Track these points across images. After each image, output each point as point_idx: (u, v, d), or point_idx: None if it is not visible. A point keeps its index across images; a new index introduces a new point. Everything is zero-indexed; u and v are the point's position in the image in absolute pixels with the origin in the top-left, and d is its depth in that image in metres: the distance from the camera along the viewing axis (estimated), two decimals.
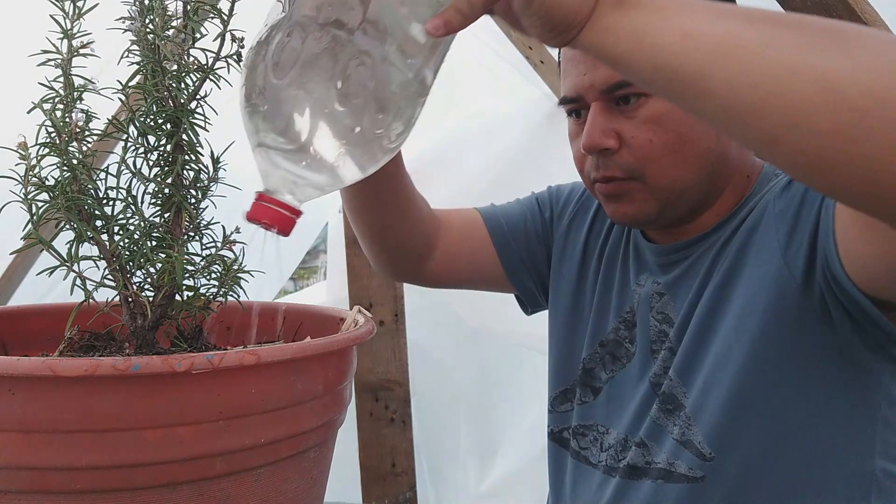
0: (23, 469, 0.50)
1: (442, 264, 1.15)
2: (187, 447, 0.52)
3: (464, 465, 2.67)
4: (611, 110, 0.91)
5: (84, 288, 0.61)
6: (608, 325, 1.05)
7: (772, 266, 0.85)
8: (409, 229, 1.08)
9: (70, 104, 0.61)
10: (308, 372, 0.58)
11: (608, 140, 0.91)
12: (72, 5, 0.60)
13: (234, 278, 0.64)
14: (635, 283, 1.03)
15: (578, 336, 1.10)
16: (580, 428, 1.06)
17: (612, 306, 1.05)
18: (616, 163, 0.91)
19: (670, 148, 0.90)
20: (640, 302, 1.01)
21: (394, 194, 1.03)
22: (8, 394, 0.49)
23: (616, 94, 0.90)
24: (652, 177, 0.91)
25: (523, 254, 1.17)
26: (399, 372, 2.27)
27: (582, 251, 1.12)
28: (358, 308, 0.72)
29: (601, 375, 1.05)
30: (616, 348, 1.04)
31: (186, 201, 0.63)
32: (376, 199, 1.03)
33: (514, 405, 2.65)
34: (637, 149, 0.90)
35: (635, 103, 0.90)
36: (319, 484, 0.64)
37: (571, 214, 1.16)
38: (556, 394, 1.11)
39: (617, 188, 0.93)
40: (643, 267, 1.03)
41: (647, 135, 0.89)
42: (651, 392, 0.96)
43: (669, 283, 0.98)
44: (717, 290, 0.91)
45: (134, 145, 0.62)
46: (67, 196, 0.60)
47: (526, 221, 1.18)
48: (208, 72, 0.63)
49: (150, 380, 0.50)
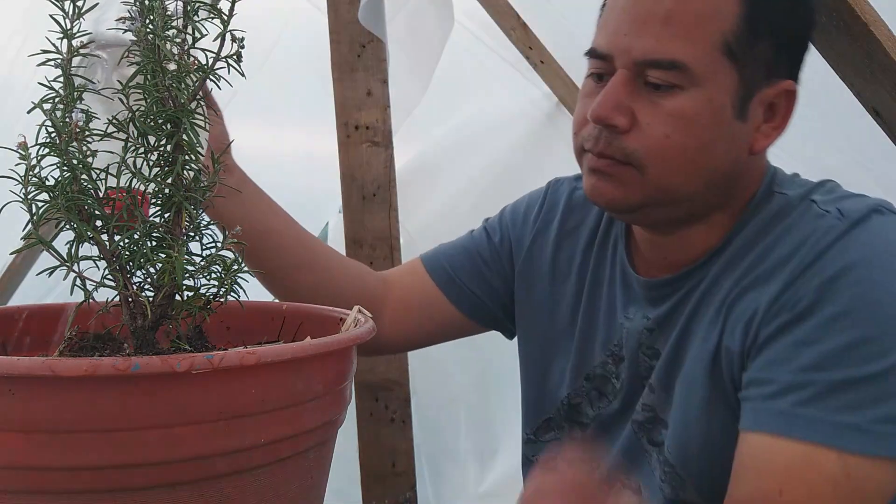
0: (23, 469, 0.50)
1: (393, 326, 1.08)
2: (187, 447, 0.52)
3: (464, 465, 2.67)
4: (635, 85, 0.83)
5: (84, 288, 0.61)
6: (594, 357, 0.99)
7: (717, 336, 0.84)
8: (334, 281, 1.05)
9: (70, 104, 0.61)
10: (308, 372, 0.58)
11: (620, 117, 0.82)
12: (72, 5, 0.60)
13: (233, 278, 0.64)
14: (623, 316, 0.96)
15: (557, 364, 1.03)
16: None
17: (598, 337, 0.99)
18: (620, 144, 0.84)
19: (685, 152, 0.83)
20: (629, 336, 0.94)
21: (304, 251, 1.03)
22: (8, 394, 0.49)
23: (648, 75, 0.82)
24: (652, 174, 0.83)
25: (477, 290, 1.09)
26: (399, 372, 2.27)
27: (550, 272, 1.05)
28: (358, 308, 0.72)
29: (587, 411, 1.00)
30: (603, 384, 0.98)
31: (186, 201, 0.63)
32: (289, 259, 1.02)
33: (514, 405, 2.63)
34: (649, 139, 0.82)
35: (666, 92, 0.82)
36: (319, 484, 0.64)
37: (532, 235, 1.08)
38: (539, 423, 1.05)
39: (609, 167, 0.85)
40: (631, 298, 0.95)
41: (664, 128, 0.82)
42: (633, 431, 0.93)
43: (660, 319, 0.91)
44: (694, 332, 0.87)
45: (134, 145, 0.62)
46: (67, 196, 0.60)
47: (472, 256, 1.10)
48: (208, 72, 0.63)
49: (150, 380, 0.50)
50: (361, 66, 1.86)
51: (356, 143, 1.90)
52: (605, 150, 0.85)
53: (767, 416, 0.78)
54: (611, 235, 1.01)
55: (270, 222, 1.01)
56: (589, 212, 1.05)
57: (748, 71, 0.82)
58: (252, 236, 0.93)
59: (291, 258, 1.02)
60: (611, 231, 1.01)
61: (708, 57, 0.81)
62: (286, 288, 1.03)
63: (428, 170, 2.31)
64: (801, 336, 0.78)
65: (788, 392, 0.77)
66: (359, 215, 1.94)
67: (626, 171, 0.84)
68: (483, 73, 2.45)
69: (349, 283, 1.08)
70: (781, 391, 0.78)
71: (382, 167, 1.91)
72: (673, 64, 0.81)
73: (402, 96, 1.86)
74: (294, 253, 1.03)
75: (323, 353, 0.59)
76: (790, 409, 0.77)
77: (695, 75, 0.81)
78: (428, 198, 2.27)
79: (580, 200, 1.07)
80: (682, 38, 0.81)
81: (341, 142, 1.91)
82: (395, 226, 1.95)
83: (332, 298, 0.90)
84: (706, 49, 0.81)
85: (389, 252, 1.97)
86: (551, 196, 1.10)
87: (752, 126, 0.85)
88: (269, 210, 1.02)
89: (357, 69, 1.86)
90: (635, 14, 0.83)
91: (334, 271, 1.07)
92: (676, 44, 0.81)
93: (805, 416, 0.76)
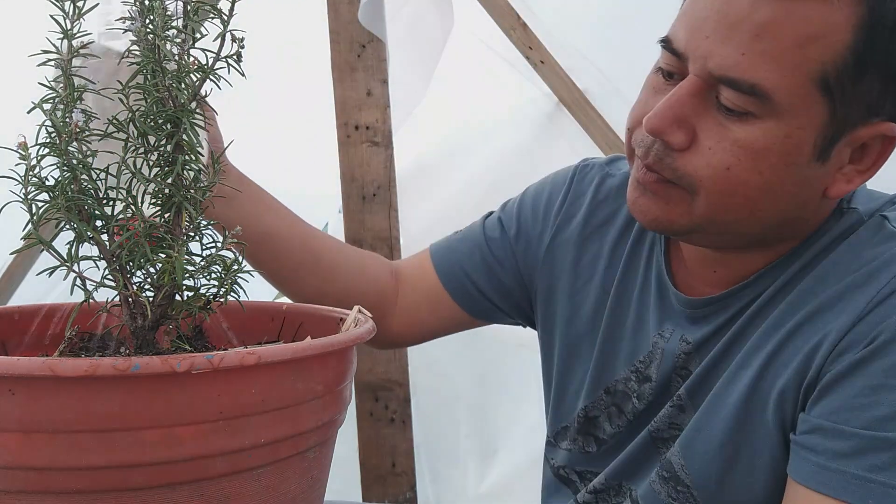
0: (23, 469, 0.50)
1: (403, 322, 1.05)
2: (187, 447, 0.52)
3: (464, 465, 2.67)
4: (705, 97, 0.71)
5: (84, 288, 0.61)
6: (616, 370, 0.90)
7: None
8: (343, 283, 1.02)
9: (70, 104, 0.61)
10: (308, 372, 0.58)
11: (678, 133, 0.72)
12: (72, 5, 0.60)
13: (233, 278, 0.64)
14: (657, 333, 0.86)
15: (576, 370, 0.96)
16: (587, 473, 0.96)
17: (622, 349, 0.90)
18: (672, 164, 0.73)
19: (745, 189, 0.71)
20: (664, 358, 0.85)
21: (309, 254, 0.99)
22: (8, 394, 0.49)
23: (721, 93, 0.70)
24: (703, 204, 0.73)
25: (489, 292, 1.02)
26: (399, 372, 2.27)
27: (572, 272, 0.96)
28: (358, 308, 0.72)
29: (605, 427, 0.92)
30: (623, 400, 0.90)
31: (186, 201, 0.63)
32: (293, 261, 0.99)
33: (514, 405, 2.65)
34: (707, 167, 0.71)
35: (738, 117, 0.70)
36: (319, 484, 0.64)
37: (553, 231, 0.98)
38: (558, 429, 0.99)
39: (655, 184, 0.75)
40: (667, 314, 0.86)
41: (728, 158, 0.70)
42: (651, 442, 0.87)
43: (700, 342, 0.82)
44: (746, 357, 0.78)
45: (134, 145, 0.62)
46: (67, 196, 0.60)
47: (483, 254, 1.01)
48: (208, 72, 0.63)
49: (150, 380, 0.50)
50: (361, 66, 1.86)
51: (356, 143, 1.91)
52: (653, 165, 0.74)
53: (839, 480, 0.68)
54: (646, 238, 0.91)
55: (268, 224, 0.97)
56: (620, 206, 0.94)
57: (844, 109, 0.70)
58: (249, 238, 0.92)
59: (292, 260, 0.99)
60: (646, 232, 0.91)
61: (798, 89, 0.69)
62: (292, 289, 1.01)
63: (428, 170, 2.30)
64: (877, 379, 0.68)
65: (863, 453, 0.67)
66: (359, 215, 1.94)
67: (674, 191, 0.74)
68: (483, 73, 2.44)
69: (356, 283, 1.03)
70: (855, 451, 0.67)
71: (382, 167, 1.91)
72: (753, 89, 0.69)
73: (403, 96, 1.86)
74: (295, 254, 1.00)
75: (323, 353, 0.59)
76: (865, 474, 0.67)
77: (776, 106, 0.69)
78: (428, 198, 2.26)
79: (610, 192, 0.96)
80: (772, 60, 0.68)
81: (341, 142, 1.91)
82: (394, 226, 1.95)
83: (338, 299, 0.86)
84: (798, 79, 0.68)
85: (389, 252, 1.97)
86: (577, 185, 0.99)
87: (832, 167, 0.73)
88: (267, 211, 0.98)
89: (357, 69, 1.87)
90: (723, 15, 0.69)
91: (340, 271, 1.03)
92: (763, 65, 0.68)
93: (883, 485, 0.66)
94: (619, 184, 0.97)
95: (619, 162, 1.00)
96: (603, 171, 0.99)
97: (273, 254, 0.98)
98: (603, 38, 2.06)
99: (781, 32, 0.68)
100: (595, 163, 1.01)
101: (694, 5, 0.73)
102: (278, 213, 1.00)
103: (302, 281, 1.01)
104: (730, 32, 0.69)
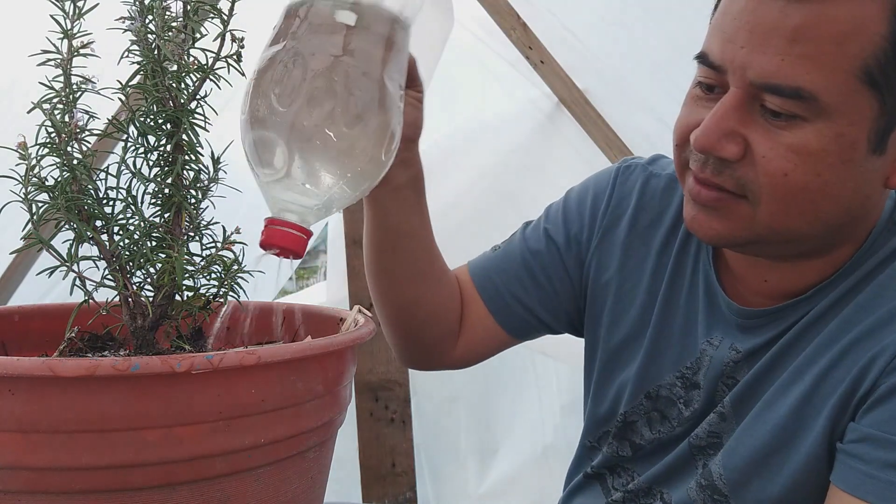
0: (23, 469, 0.50)
1: (465, 346, 1.01)
2: (187, 447, 0.52)
3: (464, 465, 2.67)
4: (750, 109, 0.71)
5: (84, 288, 0.61)
6: (661, 375, 0.89)
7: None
8: (440, 296, 0.96)
9: (70, 104, 0.61)
10: (308, 372, 0.58)
11: (730, 146, 0.71)
12: (72, 5, 0.60)
13: (233, 278, 0.64)
14: (706, 340, 0.85)
15: (620, 376, 0.94)
16: (618, 469, 0.95)
17: (668, 354, 0.89)
18: (733, 173, 0.72)
19: (806, 193, 0.70)
20: (712, 365, 0.84)
21: (428, 262, 0.94)
22: (8, 394, 0.49)
23: (765, 99, 0.70)
24: (765, 212, 0.72)
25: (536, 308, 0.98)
26: (399, 372, 2.27)
27: (618, 275, 0.94)
28: (358, 308, 0.72)
29: (644, 432, 0.91)
30: (668, 407, 0.89)
31: (186, 201, 0.63)
32: (413, 266, 0.93)
33: (514, 405, 2.65)
34: (765, 176, 0.71)
35: (787, 122, 0.69)
36: (319, 484, 0.64)
37: (600, 235, 0.96)
38: (600, 434, 0.97)
39: (715, 201, 0.74)
40: (717, 321, 0.85)
41: (784, 164, 0.70)
42: (689, 451, 0.86)
43: (750, 352, 0.82)
44: (799, 369, 0.77)
45: (134, 145, 0.62)
46: (67, 196, 0.60)
47: (530, 269, 0.98)
48: (208, 72, 0.63)
49: (150, 380, 0.50)
50: None
51: None
52: (712, 178, 0.73)
53: (886, 489, 0.68)
54: (692, 241, 0.90)
55: (414, 224, 0.92)
56: (667, 207, 0.94)
57: (893, 99, 0.70)
58: (398, 231, 0.90)
59: (421, 260, 0.94)
60: (693, 236, 0.89)
61: (842, 86, 0.68)
62: (396, 291, 0.95)
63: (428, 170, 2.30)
64: None
65: None
66: (359, 215, 1.93)
67: (736, 204, 0.74)
68: (483, 73, 2.44)
69: (447, 300, 0.98)
70: None
71: None
72: (798, 92, 0.68)
73: None
74: (421, 257, 0.94)
75: (323, 353, 0.59)
76: None
77: (823, 107, 0.68)
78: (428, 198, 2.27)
79: (655, 193, 0.95)
80: (812, 62, 0.68)
81: None
82: None
83: (429, 311, 0.89)
84: (841, 77, 0.68)
85: None
86: (620, 187, 0.97)
87: (890, 157, 0.73)
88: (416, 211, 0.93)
89: None
90: (756, 23, 0.69)
91: (444, 282, 0.97)
92: (804, 68, 0.68)
93: None
94: (665, 185, 0.95)
95: (662, 161, 0.99)
96: (646, 171, 0.98)
97: (408, 251, 0.93)
98: (603, 38, 2.06)
99: (817, 33, 0.68)
100: (637, 163, 0.99)
101: (724, 18, 0.72)
102: (423, 214, 0.95)
103: (410, 284, 0.95)
104: (765, 40, 0.69)
